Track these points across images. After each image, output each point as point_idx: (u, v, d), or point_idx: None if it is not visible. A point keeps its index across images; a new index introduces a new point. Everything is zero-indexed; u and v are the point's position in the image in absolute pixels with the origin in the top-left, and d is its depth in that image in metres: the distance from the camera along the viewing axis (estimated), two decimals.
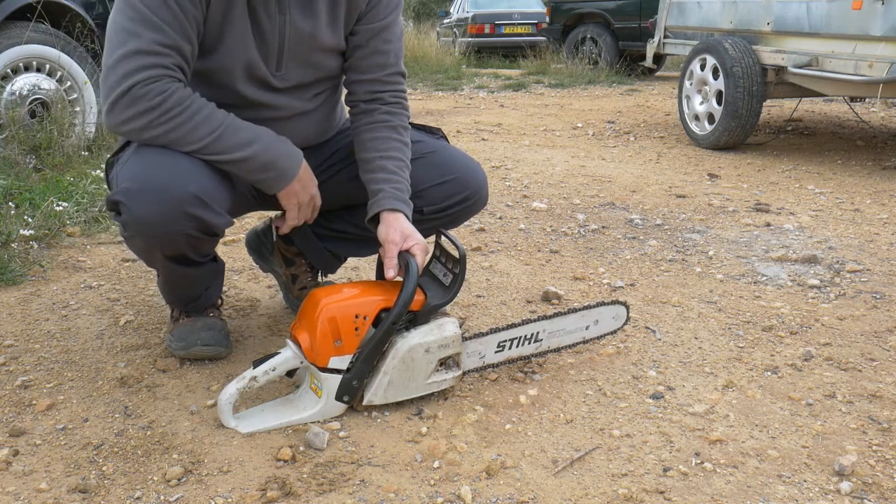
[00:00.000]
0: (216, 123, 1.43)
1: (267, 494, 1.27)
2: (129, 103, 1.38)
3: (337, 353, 1.45)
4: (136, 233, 1.45)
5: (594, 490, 1.30)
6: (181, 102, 1.40)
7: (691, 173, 4.01)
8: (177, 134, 1.41)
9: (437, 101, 7.54)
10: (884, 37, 3.68)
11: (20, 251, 2.45)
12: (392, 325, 1.46)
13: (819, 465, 1.37)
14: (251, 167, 1.48)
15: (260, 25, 1.50)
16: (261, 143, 1.48)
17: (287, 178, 1.53)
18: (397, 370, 1.49)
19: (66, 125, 3.63)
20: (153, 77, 1.38)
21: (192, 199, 1.41)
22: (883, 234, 2.85)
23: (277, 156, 1.51)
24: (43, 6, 3.50)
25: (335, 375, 1.47)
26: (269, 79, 1.55)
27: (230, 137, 1.45)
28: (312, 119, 1.68)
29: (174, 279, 1.68)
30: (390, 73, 1.65)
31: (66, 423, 1.50)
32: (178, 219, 1.41)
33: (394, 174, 1.59)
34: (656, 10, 5.80)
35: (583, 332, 1.77)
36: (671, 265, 2.50)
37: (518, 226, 2.98)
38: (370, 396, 1.50)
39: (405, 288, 1.46)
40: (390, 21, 1.62)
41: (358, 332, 1.46)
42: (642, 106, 6.91)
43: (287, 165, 1.52)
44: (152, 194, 1.40)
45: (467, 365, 1.61)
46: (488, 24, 13.37)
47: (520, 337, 1.66)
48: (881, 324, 2.01)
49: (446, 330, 1.52)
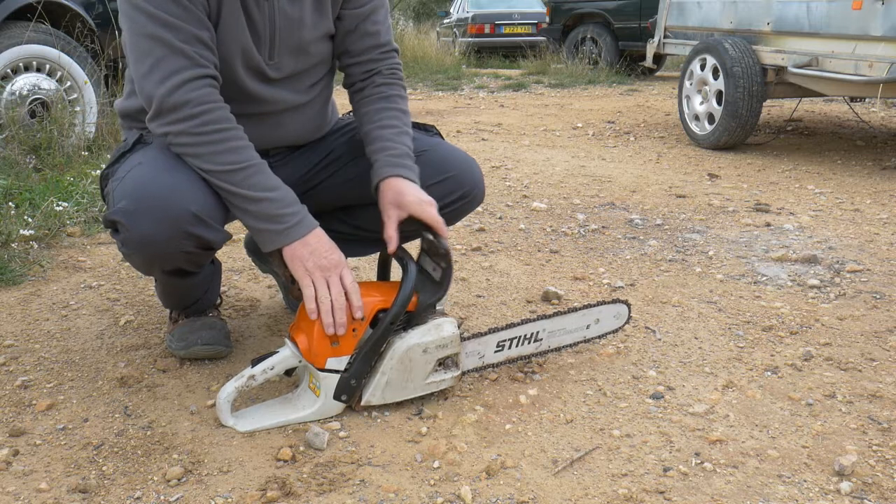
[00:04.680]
0: (246, 157, 1.42)
1: (267, 494, 1.27)
2: (171, 110, 1.38)
3: (334, 354, 1.46)
4: (136, 251, 1.44)
5: (594, 490, 1.30)
6: (219, 121, 1.40)
7: (691, 173, 4.01)
8: (206, 150, 1.39)
9: (437, 101, 7.54)
10: (884, 37, 3.68)
11: (20, 251, 2.45)
12: (390, 325, 1.46)
13: (819, 465, 1.37)
14: (259, 210, 1.42)
15: (251, 15, 1.49)
16: (281, 192, 1.43)
17: (287, 238, 1.43)
18: (395, 370, 1.49)
19: (66, 125, 3.63)
20: (191, 80, 1.38)
21: (192, 218, 1.40)
22: (883, 234, 2.85)
23: (291, 213, 1.43)
24: (43, 6, 3.50)
25: (333, 375, 1.47)
26: (263, 68, 1.54)
27: (255, 175, 1.41)
28: (307, 113, 1.68)
29: (171, 290, 1.70)
30: (384, 51, 1.66)
31: (66, 423, 1.50)
32: (178, 238, 1.41)
33: (389, 141, 1.57)
34: (656, 10, 5.80)
35: (583, 332, 1.77)
36: (671, 265, 2.50)
37: (518, 226, 2.98)
38: (368, 397, 1.50)
39: (402, 288, 1.45)
40: (377, 4, 1.63)
41: (356, 332, 1.46)
42: (642, 106, 6.91)
43: (293, 224, 1.43)
44: (152, 214, 1.38)
45: (466, 365, 1.61)
46: (488, 24, 13.37)
47: (519, 337, 1.66)
48: (881, 324, 2.01)
49: (444, 330, 1.51)
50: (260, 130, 1.61)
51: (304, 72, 1.62)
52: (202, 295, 1.77)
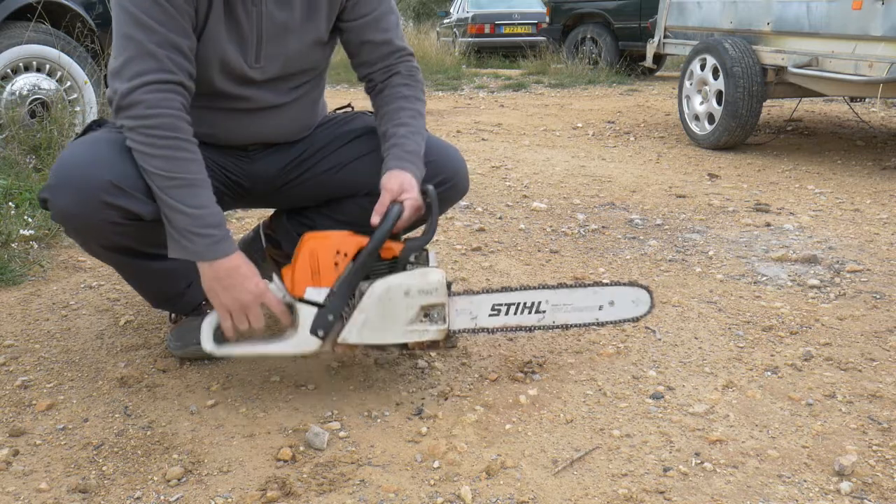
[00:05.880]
0: (181, 168, 1.41)
1: (267, 494, 1.27)
2: (127, 106, 1.40)
3: (314, 284, 1.46)
4: (64, 224, 1.48)
5: (594, 490, 1.30)
6: (166, 128, 1.40)
7: (691, 173, 4.01)
8: (147, 150, 1.40)
9: (437, 100, 7.53)
10: (884, 37, 3.68)
11: (20, 251, 2.45)
12: (368, 255, 1.45)
13: (819, 465, 1.37)
14: (175, 220, 1.41)
15: (237, 20, 1.50)
16: (205, 211, 1.41)
17: (194, 256, 1.42)
18: (374, 309, 1.47)
19: (66, 125, 3.63)
20: (152, 83, 1.40)
21: (109, 187, 1.41)
22: (883, 234, 2.85)
23: (205, 235, 1.41)
24: (43, 6, 3.50)
25: (311, 308, 1.47)
26: (245, 71, 1.55)
27: (182, 188, 1.40)
28: (286, 114, 1.67)
29: (131, 274, 1.66)
30: (401, 55, 1.68)
31: (66, 423, 1.50)
32: (96, 208, 1.42)
33: (403, 138, 1.60)
34: (656, 10, 5.80)
35: (595, 313, 1.66)
36: (671, 265, 2.50)
37: (518, 226, 2.98)
38: (345, 334, 1.48)
39: (383, 223, 1.45)
40: (383, 11, 1.64)
41: (337, 266, 1.46)
42: (642, 106, 6.91)
43: (204, 249, 1.41)
44: (71, 186, 1.42)
45: (457, 324, 1.58)
46: (488, 24, 13.36)
47: (518, 304, 1.61)
48: (881, 324, 2.01)
49: (429, 276, 1.49)
50: (238, 125, 1.62)
51: (291, 76, 1.63)
52: (185, 289, 1.71)
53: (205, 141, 1.63)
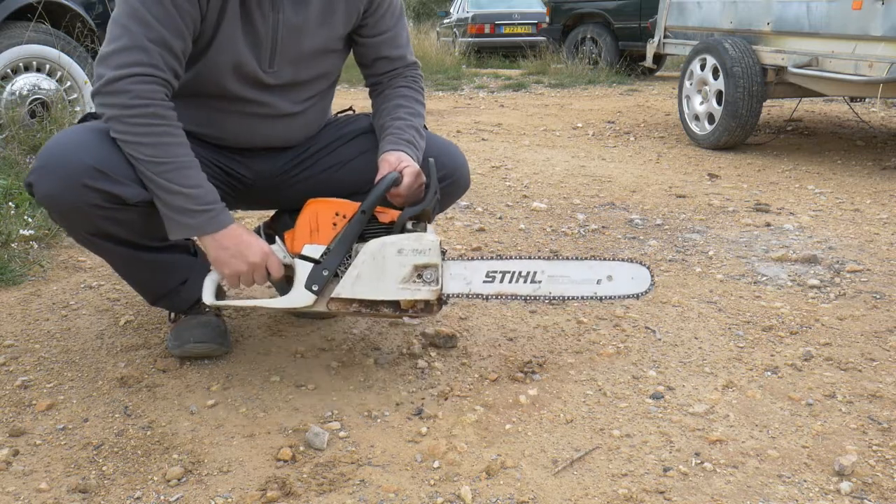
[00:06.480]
0: (171, 153, 1.44)
1: (267, 494, 1.27)
2: (112, 94, 1.41)
3: (312, 241, 1.51)
4: (48, 210, 1.51)
5: (594, 490, 1.30)
6: (153, 116, 1.42)
7: (691, 173, 4.01)
8: (133, 139, 1.43)
9: (437, 101, 7.53)
10: (884, 37, 3.68)
11: (20, 251, 2.45)
12: (363, 213, 1.50)
13: (819, 465, 1.38)
14: (175, 203, 1.44)
15: (253, 24, 1.52)
16: (200, 190, 1.45)
17: (198, 230, 1.47)
18: (367, 266, 1.50)
19: (66, 125, 3.63)
20: (140, 75, 1.41)
21: (90, 171, 1.42)
22: (883, 234, 2.85)
23: (202, 210, 1.45)
24: (43, 6, 3.50)
25: (307, 264, 1.51)
26: (259, 76, 1.57)
27: (174, 171, 1.43)
28: (297, 121, 1.70)
29: (122, 266, 1.66)
30: (408, 65, 1.77)
31: (66, 423, 1.50)
32: (79, 192, 1.43)
33: (398, 129, 1.65)
34: (656, 10, 5.80)
35: (594, 287, 1.64)
36: (671, 265, 2.50)
37: (518, 226, 2.98)
38: (338, 289, 1.52)
39: (379, 184, 1.51)
40: (399, 28, 1.73)
41: (335, 227, 1.52)
42: (642, 106, 6.91)
43: (206, 220, 1.46)
44: (53, 170, 1.43)
45: (451, 288, 1.59)
46: (488, 24, 13.36)
47: (513, 272, 1.61)
48: (881, 324, 2.01)
49: (423, 237, 1.52)
50: (248, 130, 1.64)
51: (304, 83, 1.65)
52: (180, 285, 1.70)
53: (209, 142, 1.64)
